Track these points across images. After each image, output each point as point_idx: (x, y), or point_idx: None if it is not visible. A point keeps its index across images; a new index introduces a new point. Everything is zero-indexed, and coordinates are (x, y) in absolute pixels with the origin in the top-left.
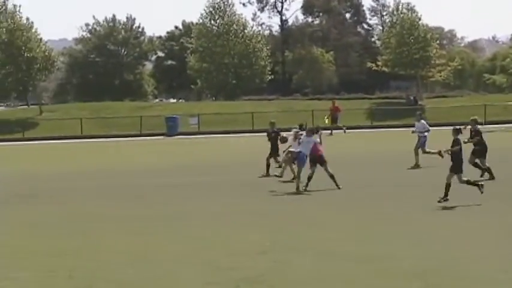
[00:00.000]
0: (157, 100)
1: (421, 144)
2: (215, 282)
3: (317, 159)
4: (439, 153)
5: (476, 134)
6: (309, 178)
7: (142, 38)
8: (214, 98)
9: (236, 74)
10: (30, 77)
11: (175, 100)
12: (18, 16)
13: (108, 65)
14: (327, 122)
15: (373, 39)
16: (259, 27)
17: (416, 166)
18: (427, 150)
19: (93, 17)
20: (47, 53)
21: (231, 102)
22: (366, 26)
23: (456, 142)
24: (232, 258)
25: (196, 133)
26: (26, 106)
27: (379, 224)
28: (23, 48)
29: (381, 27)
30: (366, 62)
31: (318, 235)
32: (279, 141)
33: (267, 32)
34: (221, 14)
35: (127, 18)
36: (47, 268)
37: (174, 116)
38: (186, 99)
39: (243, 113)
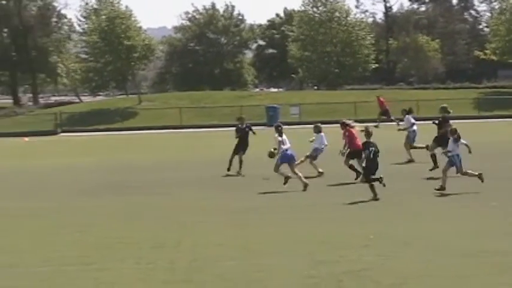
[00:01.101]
0: (257, 89)
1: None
2: (316, 275)
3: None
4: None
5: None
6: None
7: (243, 26)
8: (316, 88)
9: (338, 63)
10: (129, 66)
11: (275, 89)
12: (117, 4)
13: (208, 54)
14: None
15: (481, 26)
16: (363, 15)
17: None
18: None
19: (192, 4)
20: (146, 42)
21: (333, 91)
22: (473, 13)
23: None
24: (334, 251)
25: (297, 123)
26: (125, 95)
27: (491, 217)
28: (122, 36)
29: (489, 14)
30: (473, 50)
31: (424, 228)
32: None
33: (370, 20)
34: (324, 1)
35: (226, 6)
36: (146, 260)
37: (275, 105)
38: (287, 88)
39: (346, 103)
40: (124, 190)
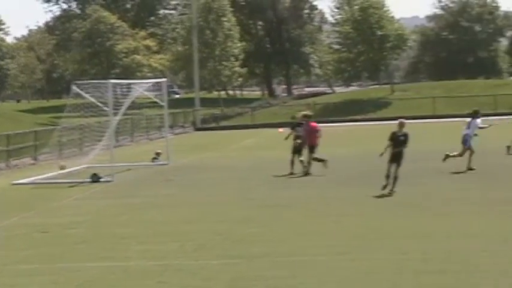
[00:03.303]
0: None
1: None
2: None
3: None
4: None
5: None
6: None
7: (497, 13)
8: None
9: None
10: (382, 56)
11: None
12: None
13: (462, 42)
14: None
15: None
16: None
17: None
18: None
19: None
20: (399, 31)
21: None
22: None
23: None
24: None
25: None
26: (377, 85)
27: None
28: (375, 26)
29: None
30: None
31: None
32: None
33: None
34: None
35: None
36: (400, 250)
37: None
38: None
39: None
40: (377, 180)
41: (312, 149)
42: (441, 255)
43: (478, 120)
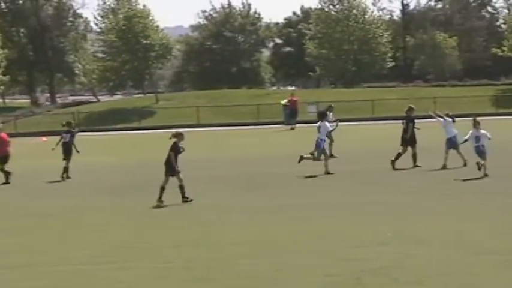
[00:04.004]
0: (274, 88)
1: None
2: (335, 273)
3: None
4: None
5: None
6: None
7: (259, 24)
8: (333, 86)
9: (355, 61)
10: (146, 65)
11: (293, 88)
12: (135, 3)
13: (225, 52)
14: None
15: (498, 23)
16: (380, 12)
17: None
18: None
19: (210, 2)
20: (164, 41)
21: (350, 89)
22: (490, 10)
23: None
24: (352, 249)
25: (315, 121)
26: (142, 94)
27: (508, 214)
28: (140, 35)
29: (506, 11)
30: (490, 48)
31: (441, 226)
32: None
33: (387, 17)
34: None
35: (243, 4)
36: (164, 259)
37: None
38: (304, 86)
39: (363, 101)
40: (143, 189)
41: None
42: (205, 263)
43: (327, 124)
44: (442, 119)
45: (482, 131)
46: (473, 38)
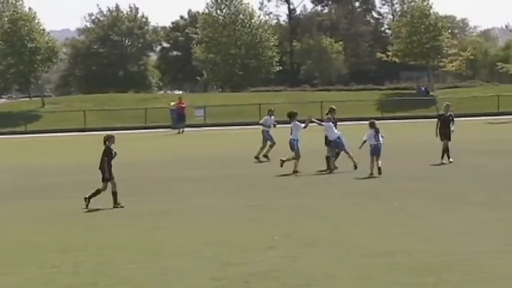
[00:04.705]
0: (162, 92)
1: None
2: (222, 277)
3: None
4: None
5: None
6: None
7: (147, 28)
8: (220, 90)
9: (243, 65)
10: (32, 68)
11: (180, 92)
12: (20, 5)
13: (112, 56)
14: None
15: (383, 28)
16: (267, 17)
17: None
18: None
19: (97, 5)
20: (50, 44)
21: (237, 93)
22: (375, 15)
23: None
24: (241, 253)
25: (202, 125)
26: (28, 98)
27: (393, 217)
28: (26, 38)
29: (391, 16)
30: (376, 52)
31: (330, 229)
32: None
33: (274, 22)
34: (227, 3)
35: (130, 8)
36: (50, 264)
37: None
38: (192, 90)
39: (250, 105)
40: (29, 194)
41: None
42: (92, 268)
43: (298, 123)
44: (323, 123)
45: (380, 131)
46: (358, 43)
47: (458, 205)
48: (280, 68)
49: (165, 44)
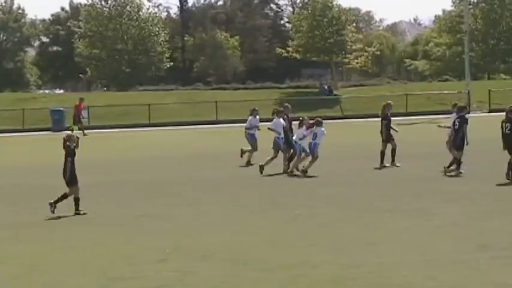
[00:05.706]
0: (41, 91)
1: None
2: None
3: None
4: None
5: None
6: None
7: (24, 21)
8: (105, 89)
9: (130, 62)
10: None
11: (61, 91)
12: None
13: None
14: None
15: (282, 21)
16: (156, 9)
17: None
18: None
19: None
20: None
21: (124, 92)
22: (274, 8)
23: None
24: (129, 267)
25: (86, 127)
26: None
27: (294, 227)
28: None
29: (291, 9)
30: (275, 48)
31: (226, 240)
32: None
33: (164, 14)
34: None
35: None
36: None
37: (60, 108)
38: (74, 89)
39: (139, 105)
40: None
41: None
42: None
43: (280, 120)
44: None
45: (322, 129)
46: (256, 37)
47: (366, 213)
48: (171, 64)
49: (44, 39)
